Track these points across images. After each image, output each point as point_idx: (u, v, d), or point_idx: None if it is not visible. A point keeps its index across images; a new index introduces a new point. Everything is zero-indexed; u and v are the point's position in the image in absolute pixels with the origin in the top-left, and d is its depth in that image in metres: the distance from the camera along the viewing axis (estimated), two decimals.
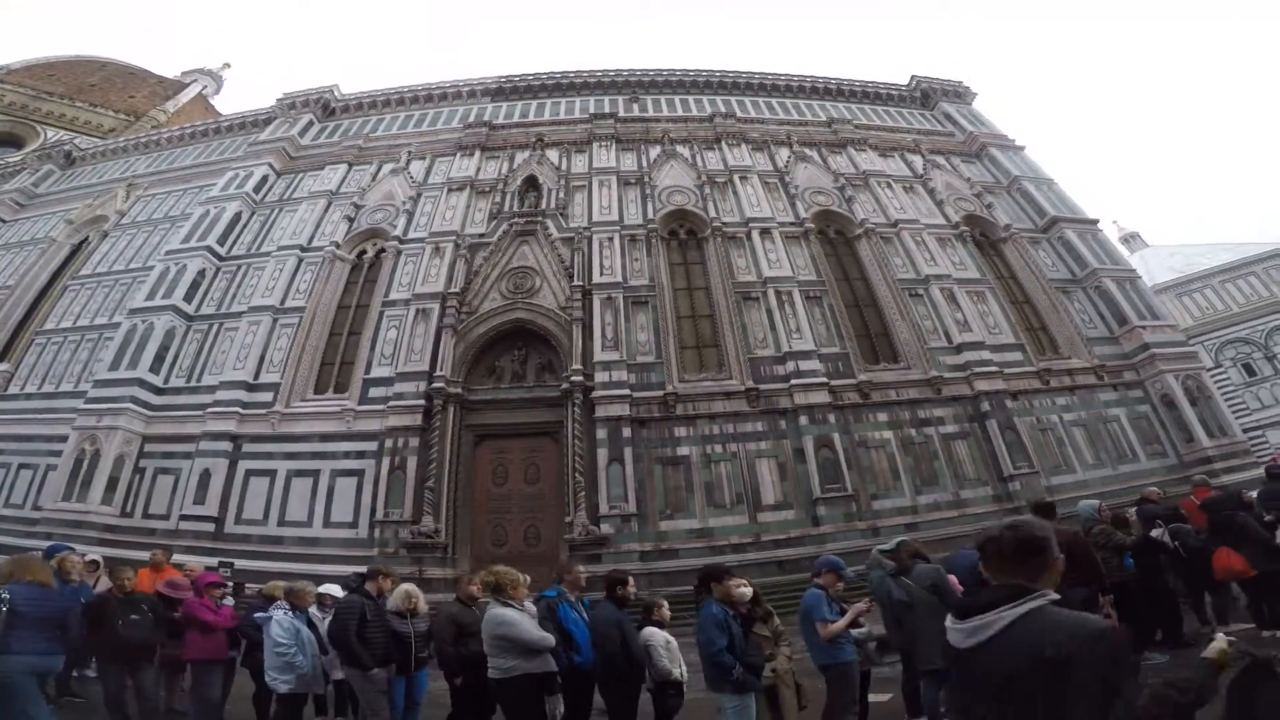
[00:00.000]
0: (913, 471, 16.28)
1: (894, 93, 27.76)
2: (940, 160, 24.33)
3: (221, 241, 20.97)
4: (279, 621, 6.27)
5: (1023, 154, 25.27)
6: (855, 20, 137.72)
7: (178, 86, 44.18)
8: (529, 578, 5.92)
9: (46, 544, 15.01)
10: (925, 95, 27.69)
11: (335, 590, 7.69)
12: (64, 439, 17.40)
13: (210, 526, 15.83)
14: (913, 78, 27.95)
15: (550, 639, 5.28)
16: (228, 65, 51.10)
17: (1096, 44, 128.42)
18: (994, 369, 17.75)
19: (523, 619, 5.32)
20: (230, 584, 8.05)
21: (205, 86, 46.65)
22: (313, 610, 7.16)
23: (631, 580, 6.13)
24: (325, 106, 26.56)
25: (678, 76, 26.94)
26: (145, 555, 13.59)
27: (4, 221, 26.57)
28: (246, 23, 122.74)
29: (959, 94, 27.73)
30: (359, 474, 16.01)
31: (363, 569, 13.91)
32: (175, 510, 16.26)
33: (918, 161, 24.08)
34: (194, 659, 6.96)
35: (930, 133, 25.99)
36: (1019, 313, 20.07)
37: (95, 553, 14.48)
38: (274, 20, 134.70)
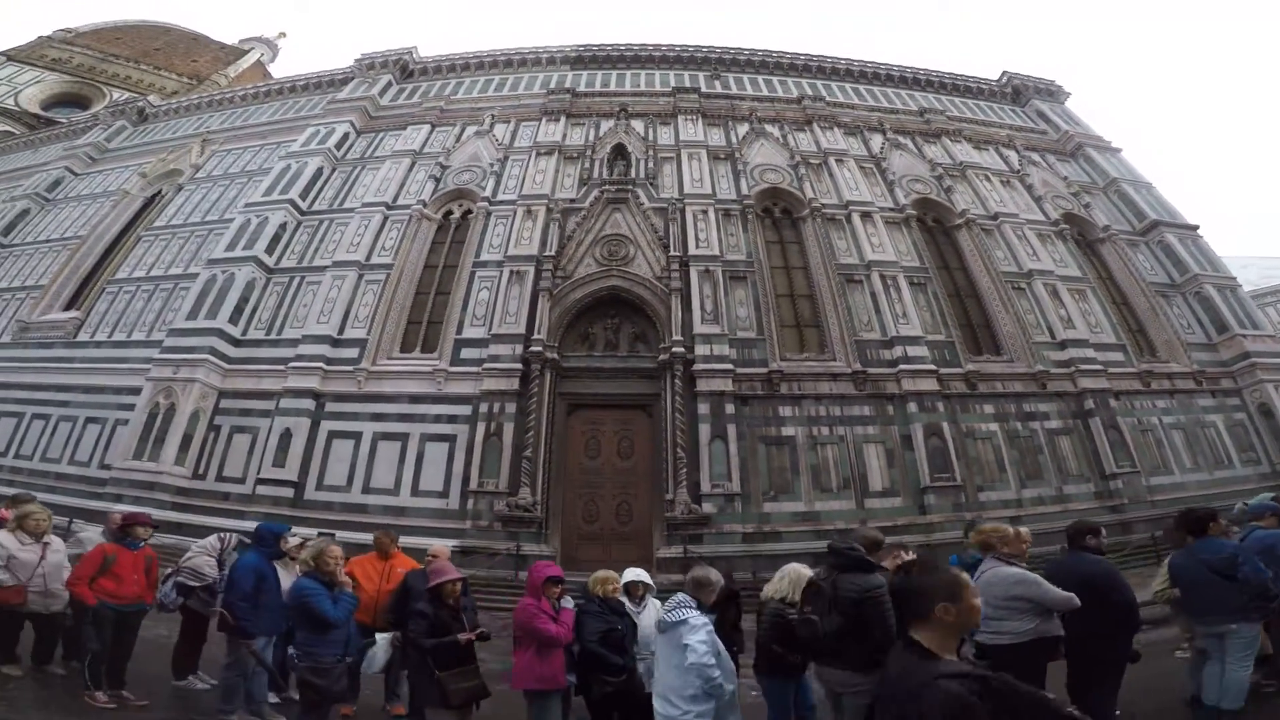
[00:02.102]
0: (1018, 465, 15.65)
1: (984, 87, 26.85)
2: (1035, 157, 23.48)
3: (304, 196, 20.53)
4: (694, 627, 4.19)
5: (1119, 156, 24.31)
6: (936, 11, 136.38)
7: (238, 53, 44.39)
8: (1026, 530, 5.48)
9: (237, 522, 11.81)
10: (1017, 91, 26.79)
11: (643, 575, 6.03)
12: (135, 391, 16.84)
13: (289, 492, 15.09)
14: (1004, 73, 27.08)
15: (1074, 597, 4.75)
16: (283, 34, 51.62)
17: (1177, 44, 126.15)
18: (1098, 367, 17.12)
19: (1040, 577, 4.78)
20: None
21: (262, 54, 46.81)
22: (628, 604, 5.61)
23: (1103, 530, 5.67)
24: (404, 68, 26.15)
25: (760, 57, 26.20)
26: (223, 522, 12.06)
27: (75, 175, 26.45)
28: None
29: (1051, 92, 26.79)
30: (450, 439, 15.31)
31: (453, 542, 13.55)
32: (251, 473, 15.53)
33: (1013, 156, 23.22)
34: (528, 689, 5.12)
35: (1023, 129, 25.09)
36: (1119, 314, 19.34)
37: (170, 518, 13.43)
38: None
